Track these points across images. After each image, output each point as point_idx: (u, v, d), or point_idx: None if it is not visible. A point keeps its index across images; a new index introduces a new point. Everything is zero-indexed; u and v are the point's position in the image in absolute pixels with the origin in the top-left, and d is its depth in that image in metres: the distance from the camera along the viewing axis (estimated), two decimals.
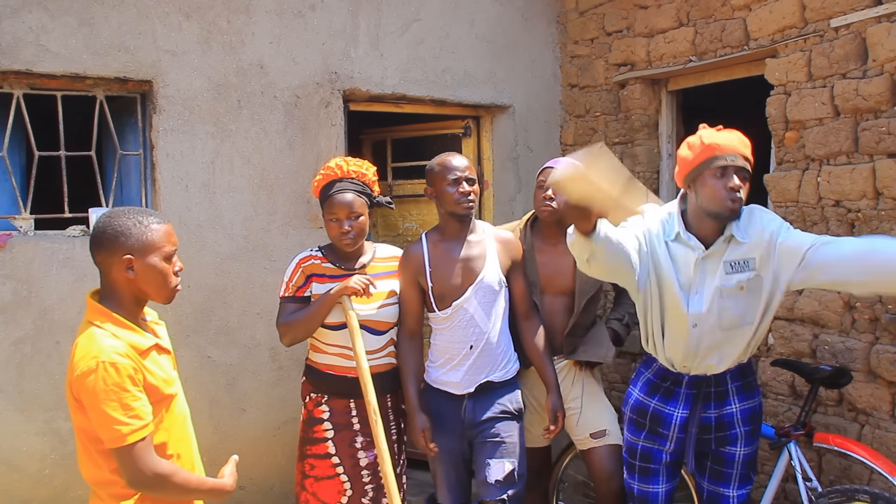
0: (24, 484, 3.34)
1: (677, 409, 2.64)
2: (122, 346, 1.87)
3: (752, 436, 2.66)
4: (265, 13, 3.80)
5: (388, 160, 4.94)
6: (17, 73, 3.32)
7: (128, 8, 3.48)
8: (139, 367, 1.88)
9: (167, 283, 1.98)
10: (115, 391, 1.81)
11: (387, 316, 2.85)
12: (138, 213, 1.97)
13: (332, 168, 2.84)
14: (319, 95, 3.96)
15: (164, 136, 3.59)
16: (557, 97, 4.78)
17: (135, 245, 1.91)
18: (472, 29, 4.44)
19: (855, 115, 3.04)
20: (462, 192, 2.79)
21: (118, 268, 1.92)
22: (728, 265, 2.48)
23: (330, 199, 2.77)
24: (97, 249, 1.94)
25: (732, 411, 2.62)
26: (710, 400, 2.61)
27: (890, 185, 2.90)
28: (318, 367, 2.85)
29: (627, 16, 4.24)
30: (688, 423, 2.63)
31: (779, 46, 3.35)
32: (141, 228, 1.93)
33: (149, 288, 1.96)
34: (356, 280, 2.72)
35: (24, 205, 3.46)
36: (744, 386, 2.63)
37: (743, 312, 2.51)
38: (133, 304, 1.98)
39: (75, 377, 1.86)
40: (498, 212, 4.60)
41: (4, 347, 3.31)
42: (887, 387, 2.97)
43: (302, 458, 2.85)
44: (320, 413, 2.82)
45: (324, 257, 2.86)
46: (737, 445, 2.64)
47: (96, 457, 1.93)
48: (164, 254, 1.96)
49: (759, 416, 2.68)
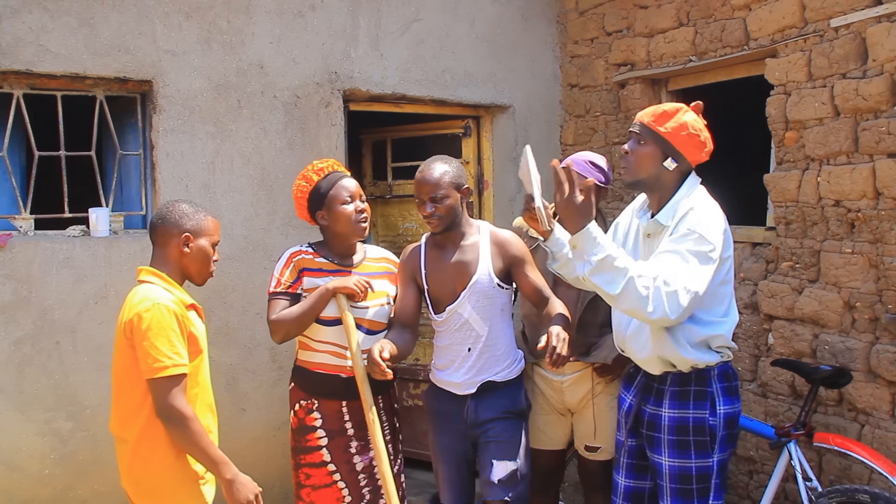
0: (25, 484, 3.34)
1: (629, 394, 2.62)
2: (172, 297, 2.22)
3: (679, 449, 2.44)
4: (265, 13, 3.80)
5: (388, 160, 4.94)
6: (17, 73, 3.32)
7: (128, 8, 3.48)
8: (185, 316, 2.22)
9: (208, 266, 2.36)
10: (165, 329, 2.15)
11: (381, 316, 2.81)
12: (192, 204, 2.37)
13: (311, 174, 2.78)
14: (319, 95, 3.96)
15: (164, 136, 3.59)
16: (557, 97, 4.78)
17: (194, 226, 2.31)
18: (472, 29, 4.44)
19: (855, 115, 3.04)
20: (426, 214, 2.75)
21: (176, 242, 2.29)
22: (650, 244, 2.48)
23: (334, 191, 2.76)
24: (161, 225, 2.30)
25: (661, 414, 2.48)
26: (651, 394, 2.54)
27: (890, 185, 2.90)
28: (308, 367, 2.77)
29: (627, 16, 4.24)
30: (634, 411, 2.58)
31: (779, 46, 3.35)
32: (199, 215, 2.34)
33: (193, 266, 2.32)
34: (356, 281, 2.67)
35: (24, 205, 3.46)
36: (680, 393, 2.46)
37: None
38: (178, 276, 2.32)
39: (131, 316, 2.18)
40: (498, 212, 4.60)
41: (4, 347, 3.31)
42: (887, 386, 2.97)
43: (297, 468, 2.79)
44: (312, 421, 2.75)
45: (315, 252, 2.81)
46: (661, 453, 2.47)
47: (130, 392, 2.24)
48: (212, 240, 2.35)
49: (688, 430, 2.43)
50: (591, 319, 3.05)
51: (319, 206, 2.76)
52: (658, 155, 2.42)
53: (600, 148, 4.43)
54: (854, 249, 3.06)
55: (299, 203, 2.81)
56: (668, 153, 2.41)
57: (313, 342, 2.76)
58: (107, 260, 3.47)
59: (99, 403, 3.47)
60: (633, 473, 2.63)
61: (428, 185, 2.73)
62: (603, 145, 4.44)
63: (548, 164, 2.79)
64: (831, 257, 3.15)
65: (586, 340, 3.06)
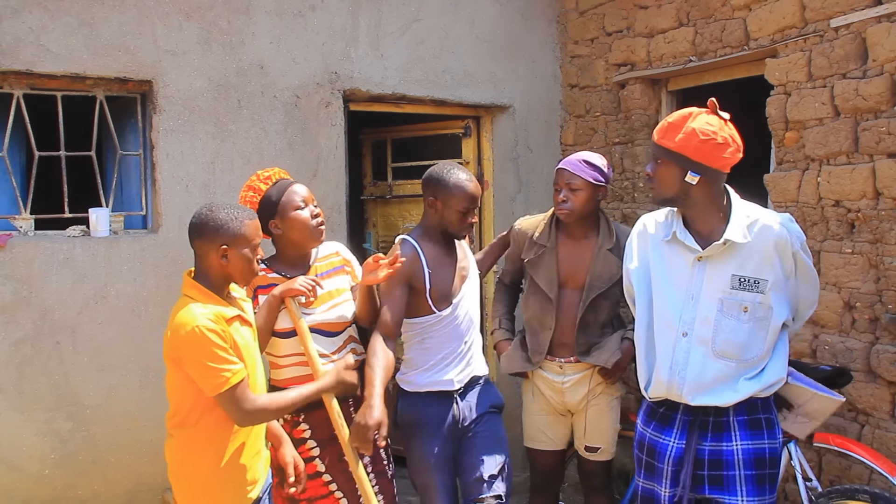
0: (25, 484, 3.34)
1: (672, 438, 2.31)
2: (211, 314, 2.16)
3: (758, 485, 2.22)
4: (265, 13, 3.80)
5: (389, 160, 4.94)
6: (17, 73, 3.32)
7: (128, 8, 3.48)
8: (226, 330, 2.17)
9: (252, 270, 2.28)
10: (210, 348, 2.12)
11: (339, 316, 2.69)
12: (235, 208, 2.26)
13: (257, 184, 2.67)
14: (319, 95, 3.96)
15: (165, 137, 3.59)
16: (557, 97, 4.78)
17: (231, 237, 2.21)
18: (473, 29, 4.44)
19: (855, 115, 3.04)
20: (469, 223, 2.84)
21: (214, 254, 2.21)
22: (736, 280, 2.23)
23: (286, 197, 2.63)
24: (198, 237, 2.23)
25: (732, 449, 2.24)
26: (707, 430, 2.27)
27: (890, 185, 2.90)
28: (282, 386, 2.62)
29: (627, 16, 4.24)
30: (684, 456, 2.27)
31: (779, 46, 3.35)
32: (237, 223, 2.22)
33: (235, 273, 2.26)
34: (301, 281, 2.57)
35: (24, 205, 3.46)
36: (751, 423, 2.25)
37: (745, 343, 2.24)
38: (221, 283, 2.27)
39: (176, 339, 2.16)
40: (498, 212, 4.60)
41: (4, 348, 3.31)
42: (887, 387, 2.97)
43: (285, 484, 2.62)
44: (301, 433, 2.66)
45: (267, 268, 2.67)
46: (736, 494, 2.21)
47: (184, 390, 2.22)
48: (253, 246, 2.26)
49: (765, 462, 2.24)
50: (592, 319, 3.07)
51: (272, 215, 2.62)
52: (677, 171, 2.23)
53: (600, 148, 4.43)
54: (854, 249, 3.06)
55: None
56: (686, 167, 2.22)
57: (278, 359, 2.67)
58: (107, 260, 3.47)
59: (99, 403, 3.47)
60: None
61: (476, 196, 2.82)
62: (603, 145, 4.44)
63: (548, 164, 2.80)
64: (831, 257, 3.15)
65: (587, 340, 3.08)
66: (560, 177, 3.04)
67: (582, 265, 3.06)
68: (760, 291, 2.22)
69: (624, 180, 4.35)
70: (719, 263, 2.26)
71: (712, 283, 2.26)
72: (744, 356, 2.25)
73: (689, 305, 2.29)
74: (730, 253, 2.25)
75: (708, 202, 2.28)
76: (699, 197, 2.27)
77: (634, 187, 4.29)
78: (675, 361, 2.30)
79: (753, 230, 2.24)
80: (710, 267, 2.27)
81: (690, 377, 2.27)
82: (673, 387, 2.30)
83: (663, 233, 2.39)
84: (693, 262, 2.30)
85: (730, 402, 2.23)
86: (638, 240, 2.48)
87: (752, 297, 2.23)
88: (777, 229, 2.24)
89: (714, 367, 2.25)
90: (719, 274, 2.25)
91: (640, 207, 4.25)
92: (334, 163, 4.02)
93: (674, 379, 2.30)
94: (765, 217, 2.28)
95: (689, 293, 2.29)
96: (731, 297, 2.24)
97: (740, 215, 2.26)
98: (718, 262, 2.26)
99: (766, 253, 2.23)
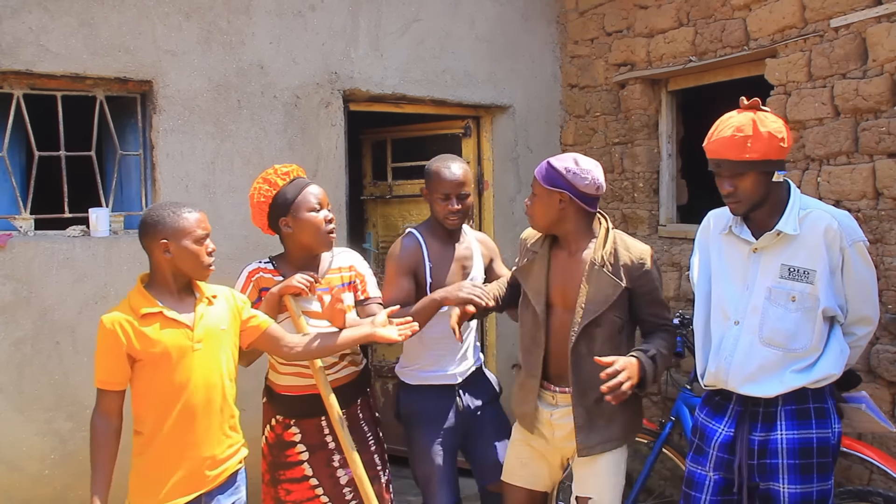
0: (25, 484, 3.34)
1: (722, 425, 2.39)
2: (120, 314, 2.22)
3: (802, 473, 2.26)
4: (265, 13, 3.80)
5: (388, 160, 4.94)
6: (17, 73, 3.32)
7: (128, 8, 3.48)
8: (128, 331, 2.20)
9: (200, 262, 2.29)
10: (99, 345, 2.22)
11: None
12: (173, 205, 2.30)
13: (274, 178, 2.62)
14: (319, 95, 3.96)
15: (165, 137, 3.59)
16: (557, 97, 4.78)
17: (170, 231, 2.24)
18: (472, 29, 4.44)
19: (855, 115, 3.04)
20: (451, 210, 2.83)
21: (158, 251, 2.25)
22: (786, 269, 2.29)
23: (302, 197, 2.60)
24: (142, 236, 2.28)
25: (777, 437, 2.29)
26: (758, 420, 2.33)
27: (890, 185, 2.90)
28: (277, 390, 2.67)
29: (627, 16, 4.24)
30: (732, 443, 2.34)
31: (779, 46, 3.35)
32: (174, 217, 2.26)
33: (184, 266, 2.28)
34: (298, 278, 2.53)
35: (24, 205, 3.46)
36: (799, 412, 2.29)
37: (793, 331, 2.28)
38: (173, 280, 2.29)
39: None
40: (498, 212, 4.60)
41: (4, 348, 3.31)
42: (887, 387, 2.97)
43: (274, 484, 2.67)
44: (291, 436, 2.65)
45: (275, 269, 2.65)
46: (779, 481, 2.27)
47: None
48: (195, 237, 2.27)
49: (811, 451, 2.27)
50: (585, 351, 2.56)
51: (284, 213, 2.58)
52: (763, 177, 2.27)
53: (600, 148, 4.43)
54: None
55: (259, 208, 2.63)
56: (772, 169, 2.27)
57: (277, 364, 2.67)
58: (107, 260, 3.47)
59: None
60: None
61: (456, 182, 2.81)
62: (603, 145, 4.44)
63: None
64: None
65: (583, 379, 2.59)
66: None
67: (573, 283, 2.59)
68: (809, 282, 2.27)
69: (624, 180, 4.35)
70: (772, 254, 2.32)
71: (765, 272, 2.33)
72: (790, 345, 2.29)
73: (744, 295, 2.36)
74: (782, 244, 2.31)
75: (776, 197, 2.34)
76: (779, 192, 2.34)
77: (634, 187, 4.28)
78: (723, 348, 2.38)
79: (806, 222, 2.29)
80: (765, 257, 2.34)
81: (736, 364, 2.34)
82: (720, 373, 2.38)
83: (722, 226, 2.46)
84: (749, 253, 2.37)
85: (774, 393, 2.29)
86: (701, 235, 2.56)
87: (801, 287, 2.28)
88: (829, 221, 2.27)
89: (760, 354, 2.31)
90: (771, 264, 2.32)
91: (640, 207, 4.26)
92: (334, 163, 4.02)
93: (721, 365, 2.37)
94: (819, 209, 2.32)
95: (745, 284, 2.37)
96: (779, 285, 2.30)
97: (796, 207, 2.31)
98: (771, 252, 2.33)
99: (815, 244, 2.27)
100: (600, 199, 2.62)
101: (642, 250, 2.60)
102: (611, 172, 4.38)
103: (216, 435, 2.32)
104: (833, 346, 2.31)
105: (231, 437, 2.37)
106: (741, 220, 2.40)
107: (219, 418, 2.33)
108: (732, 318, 2.37)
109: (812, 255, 2.27)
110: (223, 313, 2.37)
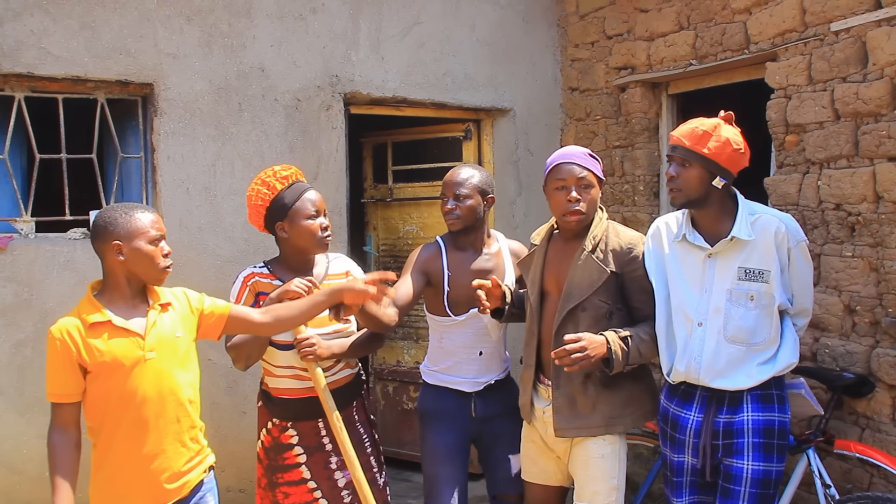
0: (25, 486, 3.33)
1: (692, 412, 2.54)
2: (73, 319, 2.13)
3: (763, 452, 2.44)
4: (266, 16, 3.81)
5: (389, 163, 4.94)
6: (18, 75, 3.33)
7: (129, 11, 3.48)
8: (77, 341, 2.10)
9: (154, 264, 2.19)
10: (48, 357, 2.12)
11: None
12: (125, 206, 2.21)
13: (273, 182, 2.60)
14: (320, 98, 3.97)
15: (165, 139, 3.59)
16: (558, 100, 4.79)
17: (122, 233, 2.15)
18: (473, 32, 4.44)
19: (855, 119, 3.04)
20: (446, 209, 2.86)
21: (111, 253, 2.15)
22: (743, 271, 2.46)
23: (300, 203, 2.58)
24: (94, 240, 2.19)
25: (743, 419, 2.45)
26: (724, 404, 2.49)
27: (890, 188, 2.90)
28: (273, 393, 2.66)
29: (628, 19, 4.25)
30: (702, 427, 2.51)
31: (779, 50, 3.35)
32: (126, 218, 2.16)
33: (138, 269, 2.18)
34: (297, 283, 2.51)
35: (25, 207, 3.46)
36: (763, 397, 2.47)
37: (754, 327, 2.46)
38: (126, 284, 2.19)
39: None
40: (498, 215, 4.60)
41: (5, 350, 3.31)
42: (888, 390, 2.97)
43: (272, 487, 2.65)
44: (288, 439, 2.64)
45: (271, 274, 2.64)
46: (743, 458, 2.44)
47: None
48: (148, 238, 2.17)
49: (773, 432, 2.46)
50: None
51: (281, 218, 2.58)
52: (705, 175, 2.44)
53: (600, 151, 4.43)
54: (854, 253, 3.06)
55: (256, 210, 2.62)
56: (715, 172, 2.44)
57: (272, 367, 2.65)
58: None
59: None
60: (696, 490, 2.57)
61: (453, 182, 2.86)
62: (603, 148, 4.44)
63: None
64: (831, 261, 3.15)
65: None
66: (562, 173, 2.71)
67: (563, 270, 2.65)
68: (765, 281, 2.45)
69: (624, 184, 4.35)
70: (727, 258, 2.49)
71: (722, 276, 2.49)
72: (752, 340, 2.47)
73: (703, 298, 2.52)
74: (737, 248, 2.47)
75: (722, 204, 2.51)
76: (716, 199, 2.49)
77: (634, 190, 4.29)
78: (690, 348, 2.53)
79: (757, 227, 2.46)
80: (720, 262, 2.50)
81: (706, 362, 2.50)
82: (691, 371, 2.53)
83: (675, 234, 2.60)
84: (704, 258, 2.52)
85: (746, 387, 2.47)
86: (653, 241, 2.67)
87: (757, 286, 2.45)
88: (777, 224, 2.47)
89: (726, 351, 2.48)
90: (728, 267, 2.48)
91: (640, 210, 4.26)
92: (335, 165, 4.03)
93: (691, 365, 2.52)
94: (766, 214, 2.51)
95: (702, 287, 2.52)
96: (738, 287, 2.46)
97: (745, 214, 2.48)
98: (726, 256, 2.49)
99: (767, 245, 2.45)
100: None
101: (632, 236, 2.66)
102: (611, 176, 4.39)
103: (172, 447, 2.20)
104: (788, 337, 2.52)
105: (191, 447, 2.26)
106: (692, 228, 2.55)
107: (175, 429, 2.20)
108: (695, 319, 2.52)
109: (765, 257, 2.45)
110: (177, 319, 2.25)
